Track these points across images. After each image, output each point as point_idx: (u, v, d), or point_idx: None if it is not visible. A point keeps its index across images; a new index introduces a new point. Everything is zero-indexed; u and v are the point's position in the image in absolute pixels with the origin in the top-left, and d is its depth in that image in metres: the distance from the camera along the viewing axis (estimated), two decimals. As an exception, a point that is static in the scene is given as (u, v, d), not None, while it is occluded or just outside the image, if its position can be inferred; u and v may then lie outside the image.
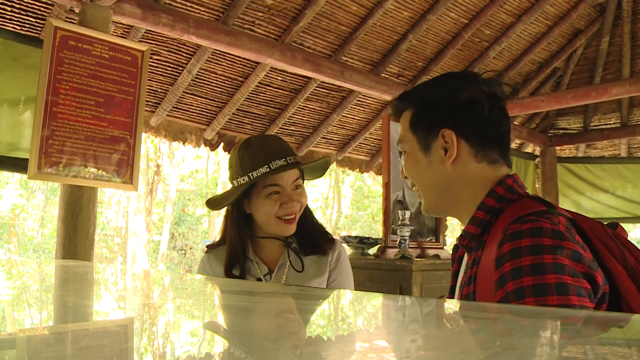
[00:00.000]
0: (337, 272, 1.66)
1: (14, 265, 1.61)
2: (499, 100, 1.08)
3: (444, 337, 0.55)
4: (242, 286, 1.11)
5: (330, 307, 0.83)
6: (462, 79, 1.11)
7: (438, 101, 1.08)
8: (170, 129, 4.50)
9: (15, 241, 12.64)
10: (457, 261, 1.18)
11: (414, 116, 1.11)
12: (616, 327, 0.61)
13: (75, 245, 2.77)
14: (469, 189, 1.06)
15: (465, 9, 4.82)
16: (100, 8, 2.92)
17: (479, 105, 1.05)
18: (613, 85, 4.91)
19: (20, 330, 0.56)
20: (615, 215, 6.28)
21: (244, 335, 0.53)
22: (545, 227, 0.91)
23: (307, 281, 1.60)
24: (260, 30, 4.15)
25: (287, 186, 1.55)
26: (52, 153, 2.66)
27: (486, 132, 1.06)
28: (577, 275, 0.88)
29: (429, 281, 3.20)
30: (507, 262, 0.90)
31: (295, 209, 1.56)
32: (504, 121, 1.08)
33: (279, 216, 1.55)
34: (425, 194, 1.12)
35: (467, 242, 1.06)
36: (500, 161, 1.07)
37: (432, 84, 1.15)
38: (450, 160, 1.05)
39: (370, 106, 5.38)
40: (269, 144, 1.57)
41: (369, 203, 14.77)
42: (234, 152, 1.60)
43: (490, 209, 1.03)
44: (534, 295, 0.86)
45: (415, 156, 1.10)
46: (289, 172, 1.54)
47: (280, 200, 1.54)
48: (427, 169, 1.09)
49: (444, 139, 1.06)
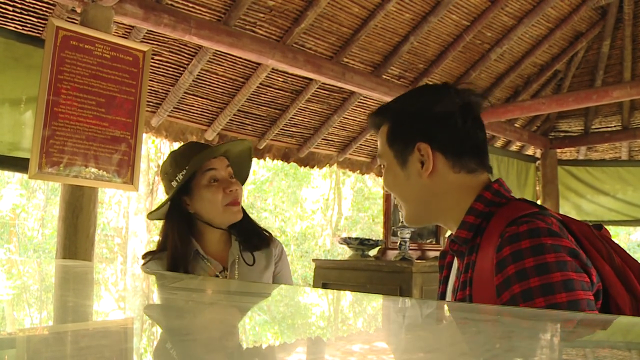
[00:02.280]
0: (280, 264, 1.71)
1: (14, 265, 1.62)
2: (472, 111, 1.09)
3: (444, 339, 0.55)
4: (234, 285, 1.11)
5: (331, 309, 0.83)
6: (436, 92, 1.12)
7: (413, 115, 1.10)
8: (171, 129, 4.50)
9: (16, 241, 12.64)
10: (446, 267, 1.19)
11: (390, 131, 1.12)
12: (616, 329, 0.61)
13: (76, 245, 2.77)
14: (450, 197, 1.08)
15: (467, 11, 4.82)
16: (102, 8, 2.93)
17: (452, 117, 1.07)
18: (614, 88, 4.91)
19: (20, 330, 0.56)
20: (615, 218, 6.28)
21: (245, 335, 0.52)
22: (541, 227, 0.93)
23: (258, 275, 1.64)
24: (261, 31, 4.16)
25: (223, 170, 1.61)
26: (53, 153, 2.66)
27: (461, 143, 1.08)
28: (579, 270, 0.90)
29: (429, 283, 3.20)
30: (510, 265, 0.91)
31: (238, 194, 1.61)
32: (479, 131, 1.10)
33: (225, 204, 1.58)
34: (405, 206, 1.14)
35: (458, 247, 1.07)
36: (478, 169, 1.09)
37: (407, 98, 1.16)
38: (427, 173, 1.07)
39: (371, 108, 5.37)
40: (193, 144, 1.71)
41: (370, 205, 14.76)
42: (164, 164, 1.67)
43: (480, 213, 1.04)
44: (543, 295, 0.87)
45: (394, 170, 1.12)
46: (221, 158, 1.62)
47: (221, 186, 1.58)
48: (405, 182, 1.10)
49: (420, 153, 1.07)
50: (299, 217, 14.99)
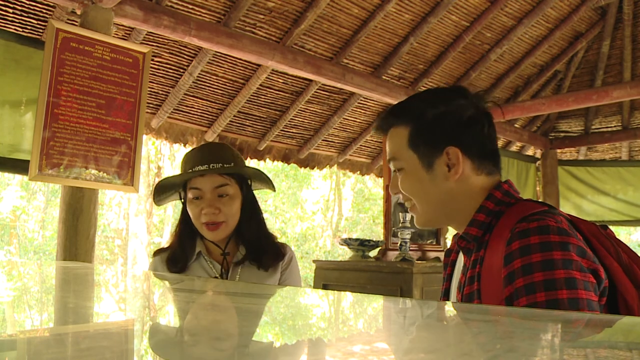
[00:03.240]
0: (288, 272, 1.68)
1: (14, 266, 1.62)
2: (491, 117, 1.12)
3: (445, 339, 0.55)
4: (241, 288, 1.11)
5: (331, 310, 0.83)
6: (457, 95, 1.12)
7: (440, 119, 1.09)
8: (171, 131, 4.50)
9: (16, 243, 12.64)
10: (450, 265, 1.21)
11: (414, 134, 1.11)
12: (617, 330, 0.61)
13: (76, 247, 2.77)
14: (470, 200, 1.09)
15: (467, 12, 4.82)
16: (101, 10, 2.93)
17: (479, 123, 1.09)
18: (614, 88, 4.91)
19: (20, 332, 0.56)
20: (616, 218, 6.28)
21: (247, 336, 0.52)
22: (551, 225, 0.95)
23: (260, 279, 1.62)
24: (261, 32, 4.16)
25: (208, 192, 1.56)
26: (53, 154, 2.66)
27: (485, 148, 1.11)
28: (584, 270, 0.92)
29: (429, 284, 3.20)
30: (517, 259, 0.94)
31: (216, 217, 1.56)
32: (495, 135, 1.14)
33: (202, 222, 1.57)
34: (424, 209, 1.13)
35: (466, 244, 1.09)
36: (495, 171, 1.12)
37: (428, 99, 1.14)
38: (455, 177, 1.08)
39: (371, 109, 5.38)
40: (202, 150, 1.63)
41: (370, 205, 14.76)
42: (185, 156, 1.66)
43: (490, 212, 1.06)
44: (545, 290, 0.89)
45: (417, 173, 1.11)
46: (210, 178, 1.56)
47: (201, 205, 1.56)
48: (430, 185, 1.10)
49: (448, 156, 1.08)
50: (299, 218, 14.99)
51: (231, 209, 1.58)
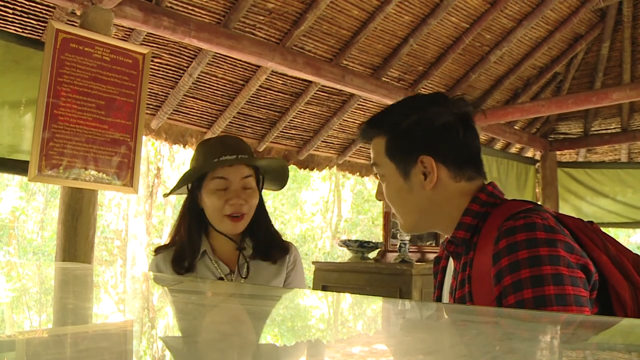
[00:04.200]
0: (293, 274, 1.66)
1: (13, 267, 1.61)
2: (469, 121, 1.11)
3: (444, 341, 0.55)
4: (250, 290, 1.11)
5: (330, 311, 0.83)
6: (432, 103, 1.12)
7: (413, 128, 1.10)
8: (171, 132, 4.50)
9: (15, 243, 12.63)
10: (440, 272, 1.21)
11: (390, 143, 1.12)
12: (616, 331, 0.61)
13: (75, 248, 2.77)
14: (451, 205, 1.09)
15: (466, 14, 4.82)
16: (101, 11, 2.93)
17: (453, 128, 1.08)
18: (613, 90, 4.91)
19: (19, 333, 0.56)
20: (615, 220, 6.28)
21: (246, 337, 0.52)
22: (538, 222, 0.95)
23: (266, 281, 1.60)
24: (261, 33, 4.16)
25: (235, 182, 1.53)
26: (52, 155, 2.66)
27: (462, 154, 1.10)
28: (572, 266, 0.92)
29: (429, 285, 3.20)
30: (505, 257, 0.94)
31: (241, 208, 1.53)
32: (475, 140, 1.12)
33: (225, 214, 1.52)
34: (405, 216, 1.14)
35: (454, 248, 1.09)
36: (476, 176, 1.11)
37: (402, 109, 1.15)
38: (430, 185, 1.08)
39: (371, 110, 5.38)
40: (225, 141, 1.60)
41: (369, 207, 14.76)
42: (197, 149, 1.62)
43: (476, 214, 1.06)
44: (532, 287, 0.89)
45: (396, 182, 1.12)
46: (238, 168, 1.53)
47: (226, 196, 1.52)
48: (408, 194, 1.11)
49: (423, 165, 1.08)
50: (299, 220, 14.99)
51: (255, 202, 1.57)
